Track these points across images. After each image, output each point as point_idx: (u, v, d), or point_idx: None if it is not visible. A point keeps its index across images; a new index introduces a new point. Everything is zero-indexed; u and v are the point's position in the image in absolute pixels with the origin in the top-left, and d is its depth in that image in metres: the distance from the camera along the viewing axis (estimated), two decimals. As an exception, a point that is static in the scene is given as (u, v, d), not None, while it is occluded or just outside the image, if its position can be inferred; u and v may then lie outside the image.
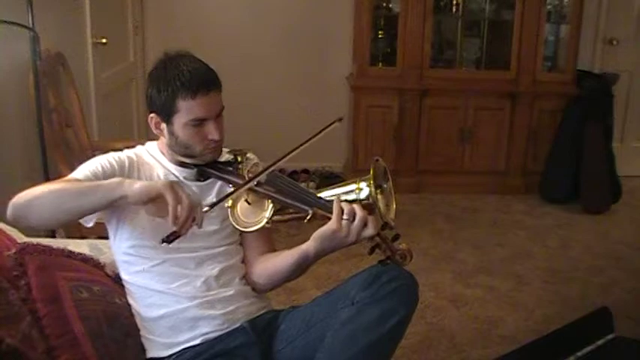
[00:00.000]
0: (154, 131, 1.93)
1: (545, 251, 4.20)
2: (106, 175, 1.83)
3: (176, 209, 1.59)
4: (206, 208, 1.66)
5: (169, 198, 1.59)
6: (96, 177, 1.81)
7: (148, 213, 1.69)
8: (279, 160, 1.82)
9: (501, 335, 3.20)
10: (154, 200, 1.62)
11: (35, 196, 1.66)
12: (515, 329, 3.25)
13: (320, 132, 1.89)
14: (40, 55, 3.02)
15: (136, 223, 1.86)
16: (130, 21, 4.82)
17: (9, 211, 1.68)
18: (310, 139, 1.87)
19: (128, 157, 1.94)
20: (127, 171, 1.90)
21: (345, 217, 1.69)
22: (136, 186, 1.62)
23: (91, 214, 1.74)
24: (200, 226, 1.64)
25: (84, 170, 1.83)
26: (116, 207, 1.75)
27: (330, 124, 1.90)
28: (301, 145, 1.85)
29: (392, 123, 5.05)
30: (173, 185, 1.61)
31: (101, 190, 1.65)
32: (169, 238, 1.61)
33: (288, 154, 1.83)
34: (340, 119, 1.95)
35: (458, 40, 5.32)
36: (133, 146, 2.05)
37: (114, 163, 1.88)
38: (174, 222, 1.59)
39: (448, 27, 5.39)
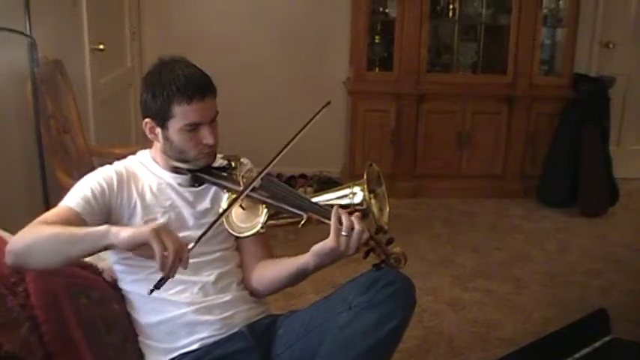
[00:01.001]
0: (149, 136, 1.93)
1: (544, 255, 4.21)
2: (96, 197, 1.84)
3: (163, 256, 1.54)
4: (191, 245, 1.63)
5: (155, 246, 1.54)
6: (87, 202, 1.81)
7: (136, 255, 1.68)
8: (274, 159, 1.82)
9: (500, 338, 3.20)
10: (140, 247, 1.59)
11: (32, 241, 1.64)
12: (514, 332, 3.25)
13: (310, 120, 1.88)
14: (37, 61, 3.02)
15: None
16: (127, 27, 4.83)
17: (9, 258, 1.66)
18: (301, 130, 1.87)
19: (117, 172, 1.93)
20: (117, 187, 1.89)
21: (343, 232, 1.70)
22: (122, 235, 1.58)
23: (79, 259, 1.74)
24: (185, 267, 1.59)
25: (75, 197, 1.83)
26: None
27: (319, 110, 1.89)
28: (293, 138, 1.85)
29: (389, 127, 5.06)
30: (159, 232, 1.56)
31: (89, 240, 1.61)
32: (159, 285, 1.58)
33: (282, 150, 1.82)
34: (329, 102, 1.92)
35: (455, 45, 5.33)
36: (129, 153, 2.06)
37: (102, 182, 1.88)
38: (162, 269, 1.55)
39: (445, 31, 5.40)
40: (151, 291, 1.58)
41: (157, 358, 1.90)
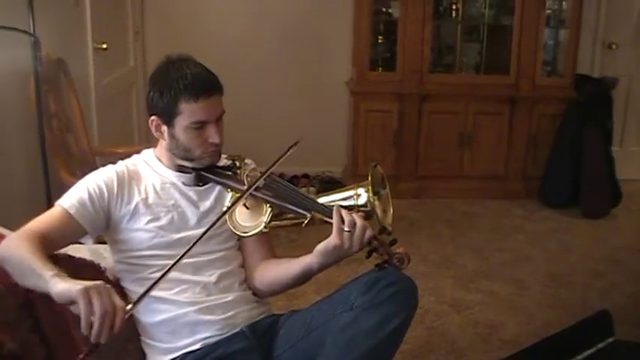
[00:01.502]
0: (154, 134, 1.94)
1: (545, 256, 4.20)
2: (93, 200, 1.84)
3: (88, 320, 1.47)
4: (129, 307, 1.56)
5: (81, 307, 1.48)
6: (82, 205, 1.82)
7: (74, 311, 1.58)
8: (276, 162, 1.82)
9: (502, 339, 3.20)
10: (74, 302, 1.52)
11: (8, 256, 1.67)
12: (516, 333, 3.24)
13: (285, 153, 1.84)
14: (40, 60, 3.03)
15: (133, 239, 1.89)
16: (130, 26, 4.83)
17: None
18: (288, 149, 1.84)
19: (117, 173, 1.93)
20: (117, 189, 1.90)
21: (346, 229, 1.70)
22: (57, 288, 1.53)
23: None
24: (116, 332, 1.50)
25: (71, 197, 1.84)
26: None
27: (290, 147, 1.85)
28: (291, 146, 1.84)
29: (392, 128, 5.06)
30: (89, 292, 1.48)
31: (39, 279, 1.58)
32: (86, 354, 1.49)
33: (284, 154, 1.83)
34: (297, 142, 1.87)
35: (457, 45, 5.33)
36: (132, 152, 2.06)
37: (102, 185, 1.88)
38: (86, 332, 1.49)
39: (447, 32, 5.39)
40: (85, 355, 1.50)
41: (158, 358, 1.90)
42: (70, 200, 1.82)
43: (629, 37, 5.56)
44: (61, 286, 1.53)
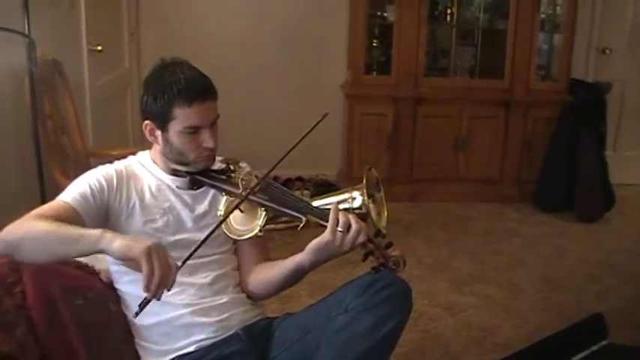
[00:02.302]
0: (149, 138, 1.93)
1: (540, 259, 4.21)
2: (95, 194, 1.83)
3: (150, 278, 1.52)
4: (179, 264, 1.60)
5: (144, 267, 1.52)
6: (84, 199, 1.80)
7: (125, 266, 1.64)
8: (274, 167, 1.82)
9: (496, 343, 3.20)
10: (132, 259, 1.56)
11: (25, 234, 1.63)
12: (510, 337, 3.25)
13: (310, 130, 1.87)
14: (35, 61, 3.02)
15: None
16: (125, 28, 4.83)
17: None
18: (302, 138, 1.85)
19: (116, 171, 1.93)
20: (116, 186, 1.89)
21: (339, 228, 1.70)
22: (115, 244, 1.56)
23: (71, 258, 1.74)
24: (169, 290, 1.57)
25: (73, 192, 1.82)
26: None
27: (318, 121, 1.89)
28: (293, 146, 1.84)
29: (386, 131, 5.06)
30: (150, 252, 1.53)
31: (82, 242, 1.59)
32: (142, 307, 1.55)
33: (282, 159, 1.83)
34: (326, 114, 1.92)
35: (452, 49, 5.34)
36: (127, 155, 2.06)
37: (102, 180, 1.88)
38: (146, 290, 1.53)
39: (442, 36, 5.41)
40: (136, 314, 1.56)
41: (153, 360, 1.90)
42: (72, 194, 1.81)
43: (623, 42, 5.59)
44: (119, 242, 1.56)
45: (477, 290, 3.74)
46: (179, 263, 1.60)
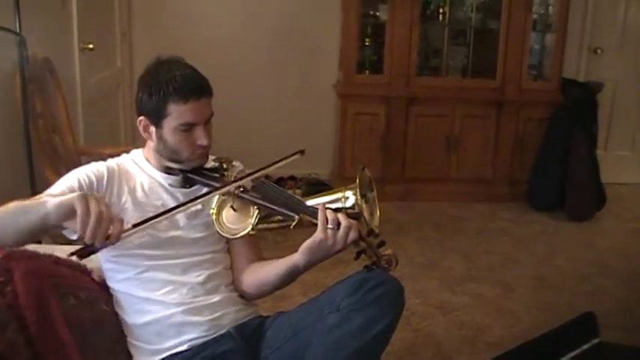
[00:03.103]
0: (143, 134, 1.93)
1: (532, 259, 4.22)
2: (83, 189, 1.82)
3: (84, 219, 1.49)
4: (129, 225, 1.58)
5: (78, 209, 1.49)
6: (71, 192, 1.76)
7: (69, 227, 1.58)
8: (264, 168, 1.82)
9: (488, 342, 3.21)
10: (72, 214, 1.52)
11: None
12: (502, 336, 3.26)
13: (281, 160, 1.89)
14: (27, 60, 3.02)
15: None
16: (117, 27, 4.82)
17: None
18: (272, 164, 1.88)
19: (108, 168, 1.93)
20: (106, 182, 1.89)
21: (329, 226, 1.70)
22: (53, 201, 1.55)
23: (34, 233, 1.66)
24: (113, 243, 1.55)
25: (61, 185, 1.82)
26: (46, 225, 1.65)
27: (291, 154, 1.93)
28: (264, 167, 1.87)
29: (379, 130, 5.06)
30: (86, 196, 1.51)
31: (31, 209, 1.58)
32: (79, 252, 1.52)
33: (276, 163, 1.83)
34: (302, 151, 1.97)
35: (444, 49, 5.35)
36: (119, 153, 2.05)
37: (92, 175, 1.88)
38: (81, 231, 1.50)
39: (435, 35, 5.42)
40: (72, 254, 1.54)
41: (145, 359, 1.89)
42: (60, 188, 1.80)
43: (615, 42, 5.62)
44: (57, 199, 1.55)
45: (469, 289, 3.75)
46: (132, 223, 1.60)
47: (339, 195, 1.78)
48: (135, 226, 1.61)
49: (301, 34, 5.31)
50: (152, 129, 1.88)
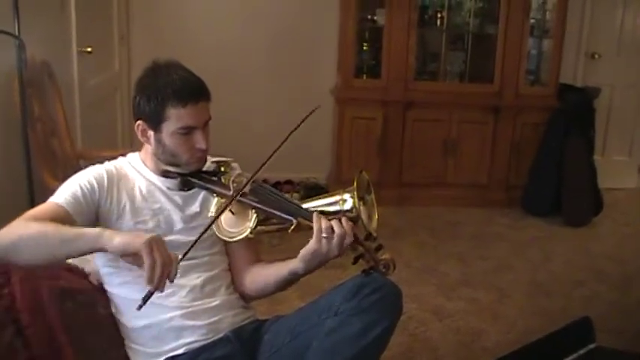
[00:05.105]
0: (140, 139, 1.93)
1: (528, 264, 4.23)
2: (86, 195, 1.83)
3: (152, 270, 1.53)
4: (180, 256, 1.61)
5: (146, 259, 1.53)
6: (76, 200, 1.80)
7: (125, 262, 1.63)
8: (262, 165, 1.82)
9: (483, 347, 3.21)
10: (134, 254, 1.57)
11: (18, 237, 1.61)
12: (497, 341, 3.26)
13: (300, 124, 1.88)
14: (25, 63, 3.01)
15: None
16: (115, 30, 4.82)
17: None
18: (294, 130, 1.87)
19: (107, 172, 1.93)
20: (107, 187, 1.89)
21: (323, 234, 1.71)
22: (116, 241, 1.57)
23: (71, 257, 1.73)
24: (172, 281, 1.58)
25: (64, 193, 1.81)
26: None
27: (308, 114, 1.90)
28: (282, 142, 1.84)
29: (376, 135, 5.07)
30: (151, 244, 1.54)
31: (81, 241, 1.60)
32: (146, 299, 1.56)
33: (271, 156, 1.82)
34: (317, 107, 1.94)
35: (442, 53, 5.36)
36: (117, 156, 2.05)
37: (93, 181, 1.87)
38: (149, 282, 1.53)
39: (432, 40, 5.42)
40: (140, 307, 1.55)
41: (142, 363, 1.89)
42: (63, 195, 1.80)
43: (612, 48, 5.63)
44: (119, 238, 1.58)
45: (465, 294, 3.75)
46: (179, 256, 1.61)
47: (337, 198, 1.78)
48: (184, 255, 1.63)
49: (299, 38, 5.31)
50: (150, 133, 1.88)
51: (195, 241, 1.67)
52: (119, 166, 1.99)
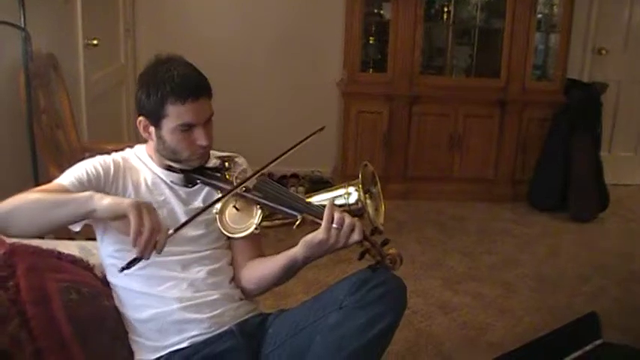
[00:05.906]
0: (142, 134, 1.93)
1: (533, 259, 4.22)
2: (91, 180, 1.83)
3: (138, 232, 1.54)
4: (170, 231, 1.61)
5: (132, 220, 1.54)
6: (80, 183, 1.80)
7: (113, 227, 1.67)
8: (264, 167, 1.82)
9: (489, 342, 3.20)
10: (120, 218, 1.58)
11: (14, 206, 1.65)
12: (503, 336, 3.25)
13: (301, 141, 1.89)
14: (31, 55, 3.01)
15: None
16: (121, 23, 4.82)
17: None
18: (295, 146, 1.87)
19: (114, 161, 1.93)
20: (112, 175, 1.89)
21: (334, 225, 1.70)
22: (104, 201, 1.59)
23: (68, 225, 1.73)
24: (159, 252, 1.58)
25: (69, 176, 1.82)
26: (91, 219, 1.72)
27: (312, 133, 1.90)
28: (287, 151, 1.85)
29: (382, 129, 5.06)
30: (140, 206, 1.56)
31: (73, 203, 1.63)
32: (130, 264, 1.56)
33: (274, 160, 1.83)
34: (322, 128, 1.93)
35: (448, 48, 5.34)
36: (122, 149, 2.05)
37: (99, 168, 1.88)
38: (134, 245, 1.54)
39: (439, 34, 5.40)
40: (122, 269, 1.57)
41: (146, 356, 1.89)
42: (69, 178, 1.81)
43: (619, 43, 5.61)
44: (108, 200, 1.61)
45: (471, 289, 3.74)
46: (171, 230, 1.61)
47: (341, 191, 1.78)
48: (176, 230, 1.63)
49: (305, 32, 5.31)
50: (151, 129, 1.88)
51: (191, 219, 1.69)
52: (126, 157, 1.99)
